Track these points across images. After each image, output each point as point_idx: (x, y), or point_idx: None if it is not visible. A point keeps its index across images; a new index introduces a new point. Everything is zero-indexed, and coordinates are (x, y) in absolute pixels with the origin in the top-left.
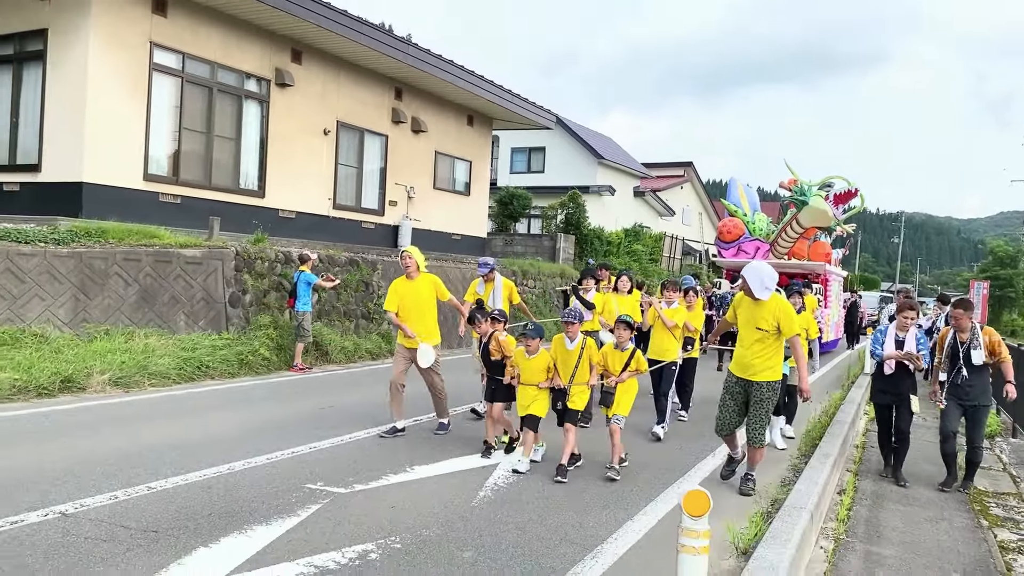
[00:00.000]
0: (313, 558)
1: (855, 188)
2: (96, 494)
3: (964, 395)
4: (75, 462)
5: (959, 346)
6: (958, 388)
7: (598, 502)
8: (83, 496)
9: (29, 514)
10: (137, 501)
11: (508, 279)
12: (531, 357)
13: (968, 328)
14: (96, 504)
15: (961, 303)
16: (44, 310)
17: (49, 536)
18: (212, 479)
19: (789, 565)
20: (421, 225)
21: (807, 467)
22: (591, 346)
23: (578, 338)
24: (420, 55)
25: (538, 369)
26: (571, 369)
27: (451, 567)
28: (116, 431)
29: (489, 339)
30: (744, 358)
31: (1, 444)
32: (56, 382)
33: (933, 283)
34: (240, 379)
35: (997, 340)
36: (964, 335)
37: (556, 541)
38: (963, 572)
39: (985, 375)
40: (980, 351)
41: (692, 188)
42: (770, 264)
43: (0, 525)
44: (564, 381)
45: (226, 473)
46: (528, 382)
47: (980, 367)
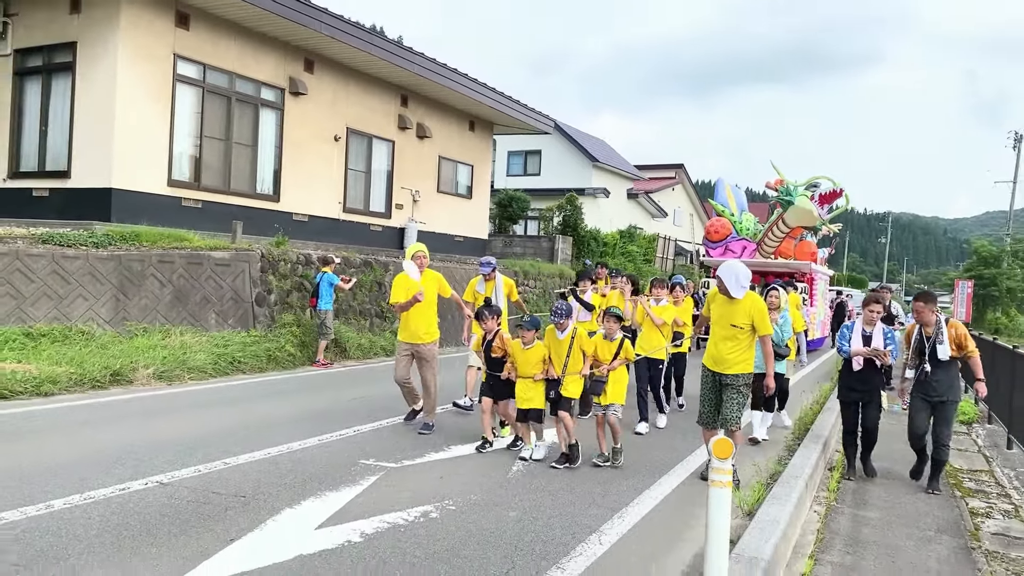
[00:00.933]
0: (383, 516)
1: (840, 188)
2: (181, 468)
3: (931, 391)
4: (152, 442)
5: (924, 341)
6: (924, 384)
7: (618, 476)
8: (171, 469)
9: (132, 483)
10: (219, 473)
11: (508, 278)
12: (527, 348)
13: (932, 322)
14: (184, 476)
15: (922, 296)
16: (87, 309)
17: (158, 499)
18: (277, 456)
19: (788, 520)
20: (426, 227)
21: (801, 446)
22: (582, 335)
23: (568, 328)
24: (425, 63)
25: (534, 360)
26: (563, 359)
27: (501, 523)
28: (177, 417)
29: (494, 337)
30: (717, 353)
31: (81, 428)
32: (107, 376)
33: (920, 282)
34: (269, 374)
35: (963, 333)
36: (929, 329)
37: (586, 504)
38: (937, 530)
39: (952, 370)
40: (945, 345)
41: (683, 189)
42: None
43: (111, 492)
44: (557, 371)
45: (287, 452)
46: (524, 374)
47: (947, 362)
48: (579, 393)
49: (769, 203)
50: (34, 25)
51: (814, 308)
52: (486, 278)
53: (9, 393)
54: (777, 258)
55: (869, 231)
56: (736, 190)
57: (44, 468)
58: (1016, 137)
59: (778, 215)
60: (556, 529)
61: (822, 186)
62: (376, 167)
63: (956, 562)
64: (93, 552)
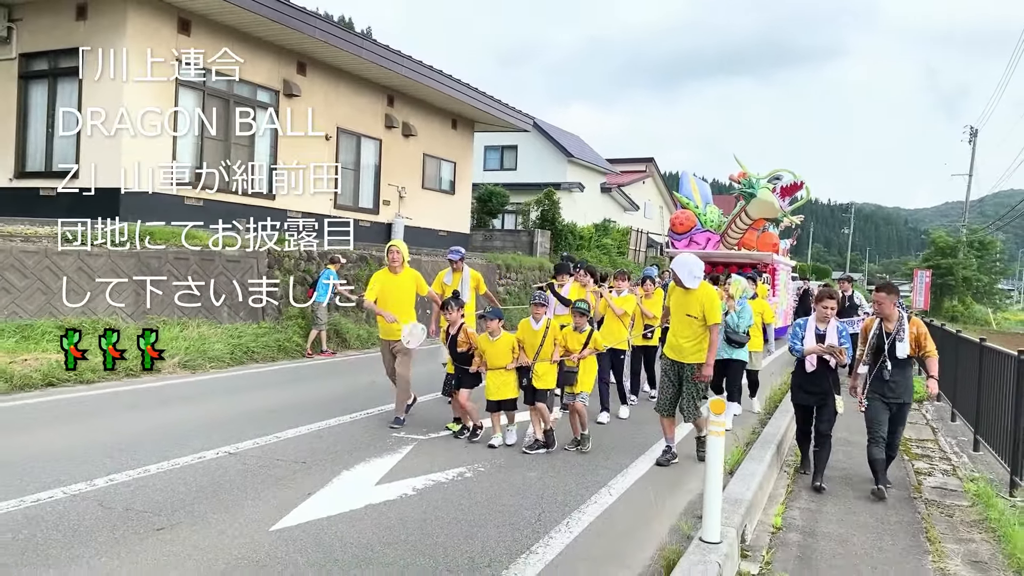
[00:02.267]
0: (427, 476)
1: (801, 181)
2: (241, 441)
3: (889, 392)
4: (205, 421)
5: (884, 337)
6: (883, 384)
7: (617, 447)
8: (235, 442)
9: (205, 452)
10: (276, 445)
11: (475, 270)
12: (494, 340)
13: (895, 317)
14: (247, 447)
15: (884, 287)
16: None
17: (233, 465)
18: (319, 431)
19: (763, 474)
20: (412, 223)
21: (771, 419)
22: (555, 327)
23: (543, 319)
24: (411, 65)
25: (503, 351)
26: (536, 348)
27: (526, 481)
28: (217, 400)
29: (458, 331)
30: (676, 342)
31: (135, 410)
32: (138, 365)
33: (882, 272)
34: (281, 362)
35: (924, 333)
36: (890, 325)
37: (594, 467)
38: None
39: (910, 370)
40: (905, 343)
41: (653, 183)
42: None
43: (192, 460)
44: (530, 359)
45: (327, 427)
46: (495, 365)
47: (905, 361)
48: (554, 383)
49: (735, 195)
50: (39, 30)
51: (776, 298)
52: (454, 268)
53: (57, 381)
54: (740, 249)
55: (833, 221)
56: (701, 183)
57: (123, 442)
58: (971, 132)
59: (741, 207)
60: (572, 484)
61: (783, 179)
62: (364, 165)
63: (900, 507)
64: (204, 501)
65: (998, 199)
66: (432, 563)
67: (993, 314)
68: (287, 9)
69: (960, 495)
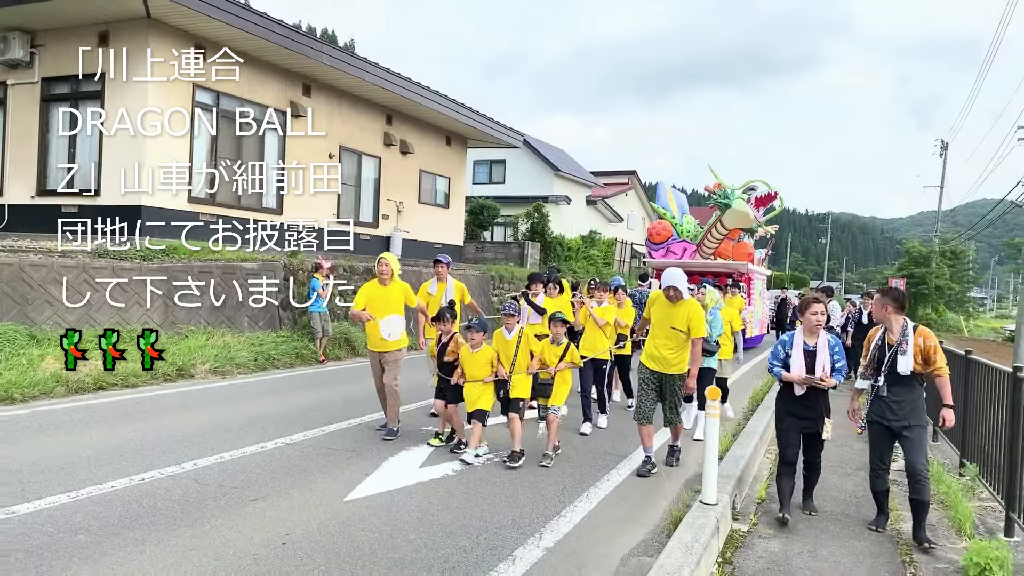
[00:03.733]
0: (460, 459)
1: (775, 191)
2: (292, 434)
3: (890, 414)
4: (254, 418)
5: (887, 350)
6: (882, 404)
7: (615, 450)
8: (288, 435)
9: (266, 443)
10: (324, 437)
11: (459, 281)
12: (475, 351)
13: (899, 328)
14: (298, 439)
15: (889, 293)
16: (143, 314)
17: (293, 453)
18: (359, 425)
19: (749, 456)
20: (409, 236)
21: (754, 414)
22: (529, 336)
23: (515, 329)
24: (408, 86)
25: (483, 363)
26: (511, 358)
27: (550, 469)
28: (254, 401)
29: (450, 339)
30: (658, 353)
31: (185, 410)
32: (174, 370)
33: (859, 280)
34: (299, 368)
35: (933, 345)
36: (893, 336)
37: (598, 456)
38: (855, 468)
39: (916, 389)
40: (908, 357)
41: (636, 195)
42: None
43: (255, 449)
44: (505, 369)
45: (364, 423)
46: (473, 377)
47: (908, 378)
48: (528, 394)
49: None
50: (61, 55)
51: (752, 307)
52: (439, 279)
53: (107, 384)
54: (716, 259)
55: (810, 231)
56: (677, 193)
57: (190, 435)
58: (942, 145)
59: (716, 217)
60: (586, 468)
61: (758, 189)
62: (365, 181)
63: (865, 486)
64: (281, 480)
65: (971, 208)
66: (482, 523)
67: (965, 322)
68: (297, 36)
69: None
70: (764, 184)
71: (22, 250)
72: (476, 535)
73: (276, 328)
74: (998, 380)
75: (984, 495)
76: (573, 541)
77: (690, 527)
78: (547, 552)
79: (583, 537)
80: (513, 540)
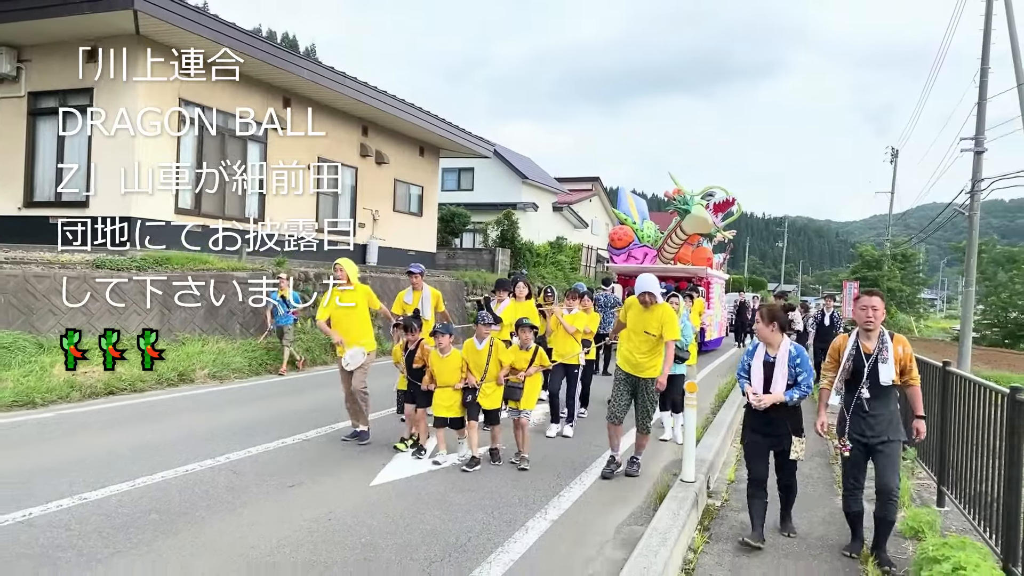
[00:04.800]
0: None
1: (733, 197)
2: (307, 431)
3: (868, 430)
4: (264, 419)
5: (864, 359)
6: (859, 418)
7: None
8: (300, 432)
9: (286, 439)
10: (334, 433)
11: (435, 288)
12: (444, 356)
13: (877, 333)
14: (313, 436)
15: (877, 292)
16: (140, 322)
17: (312, 448)
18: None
19: (719, 446)
20: (385, 243)
21: (721, 408)
22: (499, 346)
23: (486, 339)
24: (383, 98)
25: (452, 368)
26: (482, 368)
27: (545, 457)
28: (257, 404)
29: (416, 346)
30: (632, 357)
31: (198, 411)
32: (175, 375)
33: (815, 283)
34: (292, 374)
35: (910, 354)
36: (870, 344)
37: (588, 448)
38: (812, 455)
39: (894, 400)
40: (890, 365)
41: (599, 200)
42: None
43: (277, 444)
44: (476, 379)
45: (376, 419)
46: (444, 383)
47: (887, 389)
48: (499, 403)
49: (670, 211)
50: (48, 70)
51: (711, 311)
52: (414, 287)
53: (116, 389)
54: (676, 263)
55: (768, 235)
56: (637, 199)
57: (211, 434)
58: (893, 152)
59: (676, 223)
60: (576, 457)
61: (716, 195)
62: (342, 191)
63: (821, 467)
64: (308, 469)
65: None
66: (493, 502)
67: (916, 322)
68: (279, 52)
69: None
70: (722, 190)
71: (24, 261)
72: (491, 511)
73: (267, 335)
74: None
75: (922, 475)
76: (574, 515)
77: (674, 499)
78: (553, 523)
79: (582, 512)
80: (523, 514)
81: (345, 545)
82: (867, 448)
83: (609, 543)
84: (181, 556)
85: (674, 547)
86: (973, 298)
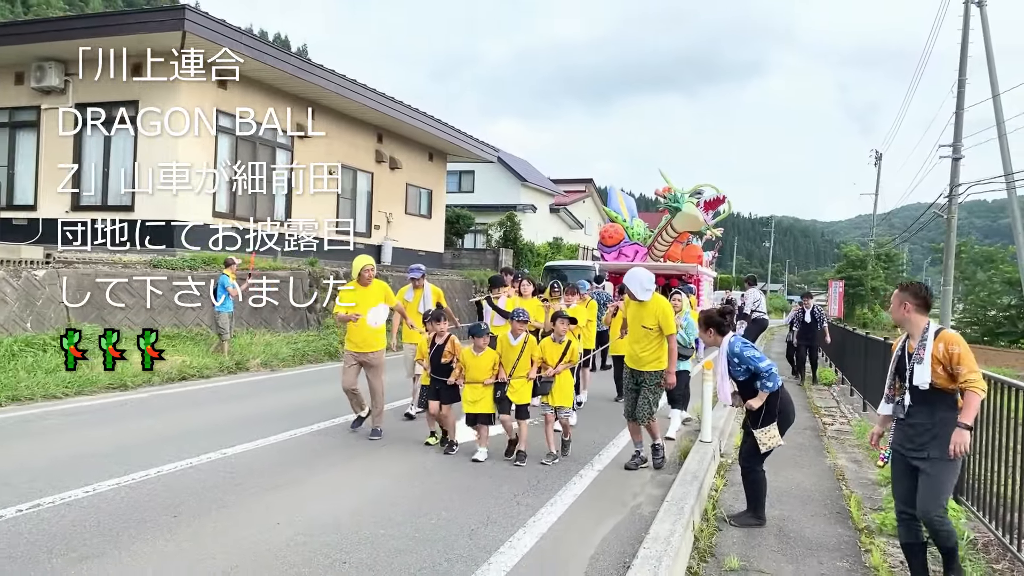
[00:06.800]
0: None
1: (723, 195)
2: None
3: (907, 441)
4: (316, 402)
5: (907, 359)
6: (900, 427)
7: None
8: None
9: (322, 423)
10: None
11: (436, 287)
12: (479, 355)
13: (920, 330)
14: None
15: (909, 288)
16: (195, 317)
17: (339, 433)
18: (398, 409)
19: (727, 417)
20: (397, 244)
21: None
22: (532, 342)
23: (521, 335)
24: (398, 107)
25: (485, 367)
26: (513, 363)
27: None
28: (309, 390)
29: (445, 341)
30: (633, 352)
31: (258, 395)
32: (233, 364)
33: (801, 283)
34: (330, 363)
35: (957, 353)
36: (914, 343)
37: (595, 437)
38: (803, 429)
39: (940, 408)
40: (925, 367)
41: (592, 201)
42: (648, 266)
43: (317, 428)
44: (507, 373)
45: (400, 407)
46: (474, 380)
47: (930, 395)
48: (528, 399)
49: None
50: (94, 84)
51: (702, 307)
52: (415, 285)
53: (188, 376)
54: (666, 261)
55: (754, 234)
56: (627, 197)
57: (268, 415)
58: (876, 155)
59: (667, 221)
60: (595, 436)
61: (706, 193)
62: (359, 195)
63: (812, 439)
64: (350, 450)
65: (905, 212)
66: (512, 488)
67: None
68: (307, 66)
69: (850, 433)
70: (712, 188)
71: (91, 262)
72: (510, 496)
73: (305, 328)
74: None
75: None
76: (604, 481)
77: (697, 453)
78: (586, 488)
79: (611, 477)
80: (550, 489)
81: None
82: (906, 461)
83: (648, 483)
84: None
85: (703, 483)
86: (951, 297)
